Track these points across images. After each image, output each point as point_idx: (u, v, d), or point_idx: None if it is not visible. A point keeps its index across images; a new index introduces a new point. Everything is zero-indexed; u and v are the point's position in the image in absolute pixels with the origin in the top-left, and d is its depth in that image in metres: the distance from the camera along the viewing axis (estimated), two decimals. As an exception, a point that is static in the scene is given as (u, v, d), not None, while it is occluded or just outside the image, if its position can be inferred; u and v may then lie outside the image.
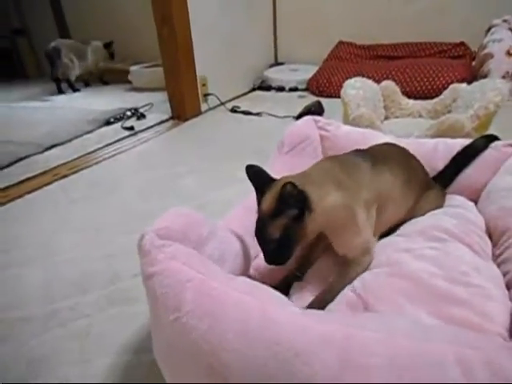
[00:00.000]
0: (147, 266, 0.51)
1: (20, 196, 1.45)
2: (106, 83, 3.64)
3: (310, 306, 0.63)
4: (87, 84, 3.57)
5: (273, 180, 0.70)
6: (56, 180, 1.59)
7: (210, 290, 0.46)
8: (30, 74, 4.32)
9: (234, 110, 2.45)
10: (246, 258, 0.73)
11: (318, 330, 0.42)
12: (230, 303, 0.45)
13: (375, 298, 0.59)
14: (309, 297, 0.66)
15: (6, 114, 2.71)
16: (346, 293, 0.63)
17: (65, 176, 1.63)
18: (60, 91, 3.29)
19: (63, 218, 1.29)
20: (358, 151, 0.84)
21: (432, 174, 0.99)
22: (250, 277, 0.73)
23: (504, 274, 0.68)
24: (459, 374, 0.37)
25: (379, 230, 0.76)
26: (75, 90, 3.35)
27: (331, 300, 0.63)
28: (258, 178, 0.71)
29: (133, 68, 3.30)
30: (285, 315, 0.44)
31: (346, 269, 0.68)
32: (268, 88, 2.99)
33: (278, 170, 1.01)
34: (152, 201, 1.37)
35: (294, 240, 0.64)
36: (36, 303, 0.89)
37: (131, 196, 1.42)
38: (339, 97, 1.67)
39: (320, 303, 0.63)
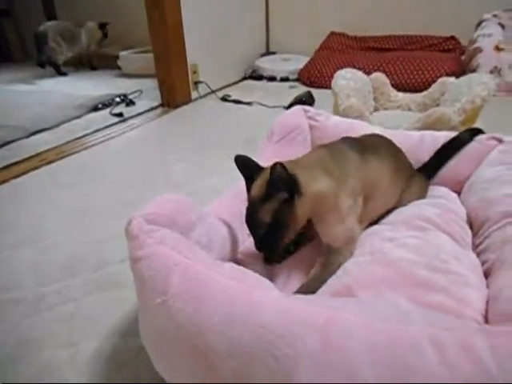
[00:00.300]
0: (135, 250, 0.51)
1: (6, 180, 1.43)
2: (94, 68, 3.56)
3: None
4: (77, 68, 3.50)
5: (261, 168, 0.71)
6: (43, 165, 1.57)
7: (196, 274, 0.47)
8: (15, 57, 4.20)
9: (224, 99, 2.44)
10: (234, 243, 0.74)
11: (300, 313, 0.43)
12: (216, 287, 0.46)
13: (357, 285, 0.61)
14: (294, 284, 0.68)
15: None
16: (330, 283, 0.64)
17: (52, 161, 1.61)
18: (60, 73, 3.24)
19: (51, 203, 1.28)
20: (347, 139, 0.85)
21: (417, 165, 1.01)
22: (237, 262, 0.74)
23: (483, 263, 0.70)
24: (433, 354, 0.39)
25: (368, 218, 0.78)
26: (62, 73, 3.28)
27: (316, 289, 0.64)
28: (246, 167, 0.72)
29: (122, 53, 3.24)
30: (269, 299, 0.45)
31: (329, 258, 0.69)
32: (259, 77, 2.98)
33: (267, 158, 1.02)
34: (140, 187, 1.37)
35: (284, 225, 0.65)
36: (26, 286, 0.89)
37: (120, 182, 1.42)
38: (330, 88, 1.68)
39: (305, 292, 0.65)
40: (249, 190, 0.70)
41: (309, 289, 0.64)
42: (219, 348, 0.42)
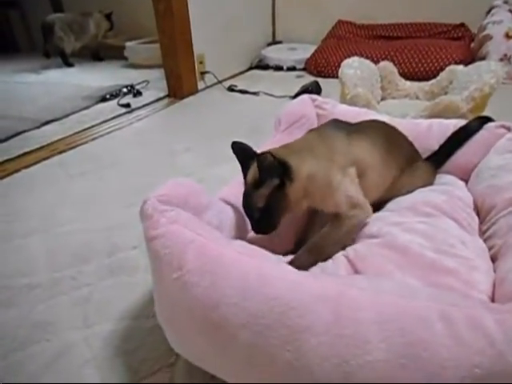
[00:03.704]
0: (150, 229, 0.53)
1: (18, 170, 1.45)
2: (100, 59, 3.57)
3: (299, 256, 0.67)
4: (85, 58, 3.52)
5: (257, 155, 0.72)
6: (54, 155, 1.59)
7: (210, 250, 0.49)
8: (21, 48, 4.23)
9: (231, 89, 2.44)
10: (243, 226, 0.76)
11: (312, 286, 0.45)
12: (229, 262, 0.48)
13: (366, 266, 0.62)
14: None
15: (1, 89, 2.67)
16: (339, 258, 0.66)
17: (62, 151, 1.63)
18: (67, 64, 3.26)
19: (62, 192, 1.30)
20: (335, 121, 0.87)
21: (426, 153, 1.01)
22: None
23: (489, 249, 0.71)
24: (442, 327, 0.40)
25: (367, 196, 0.78)
26: (69, 64, 3.29)
27: (322, 256, 0.66)
28: (242, 153, 0.74)
29: (128, 44, 3.24)
30: (281, 273, 0.47)
31: (337, 223, 0.70)
32: (266, 67, 2.97)
33: (273, 146, 1.04)
34: (149, 176, 1.38)
35: (278, 209, 0.68)
36: (40, 271, 0.91)
37: (128, 171, 1.44)
38: (337, 77, 1.67)
39: (307, 255, 0.67)
40: (245, 175, 0.72)
41: (317, 249, 0.67)
42: (234, 319, 0.44)
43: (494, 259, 0.68)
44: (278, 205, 0.67)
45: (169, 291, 0.50)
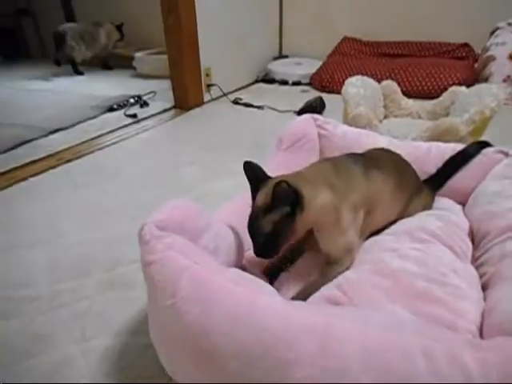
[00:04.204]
0: (146, 254, 0.55)
1: (25, 178, 1.48)
2: (109, 68, 3.64)
3: (294, 299, 0.68)
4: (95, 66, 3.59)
5: (268, 177, 0.74)
6: (60, 164, 1.62)
7: (204, 278, 0.51)
8: (33, 55, 4.32)
9: (236, 102, 2.47)
10: (240, 250, 0.77)
11: (301, 318, 0.46)
12: (222, 292, 0.50)
13: (356, 294, 0.64)
14: (294, 288, 0.71)
15: (11, 97, 2.72)
16: (330, 287, 0.67)
17: (69, 160, 1.66)
18: (77, 72, 3.34)
19: (67, 202, 1.33)
20: (352, 155, 0.86)
21: (424, 176, 1.02)
22: (242, 267, 0.78)
23: (481, 276, 0.72)
24: (424, 363, 0.41)
25: (368, 230, 0.81)
26: (79, 73, 3.36)
27: (312, 293, 0.67)
28: (254, 174, 0.74)
29: (137, 54, 3.30)
30: (272, 305, 0.48)
31: (328, 268, 0.72)
32: (271, 81, 3.01)
33: (275, 166, 1.06)
34: (153, 189, 1.41)
35: (283, 235, 0.68)
36: (41, 283, 0.94)
37: (133, 183, 1.46)
38: (341, 93, 1.69)
39: (303, 297, 0.68)
40: (254, 197, 0.73)
41: (305, 295, 0.68)
42: (223, 348, 0.45)
43: (485, 287, 0.69)
44: (284, 232, 0.68)
45: (162, 317, 0.52)
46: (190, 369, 0.51)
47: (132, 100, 2.43)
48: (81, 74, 3.37)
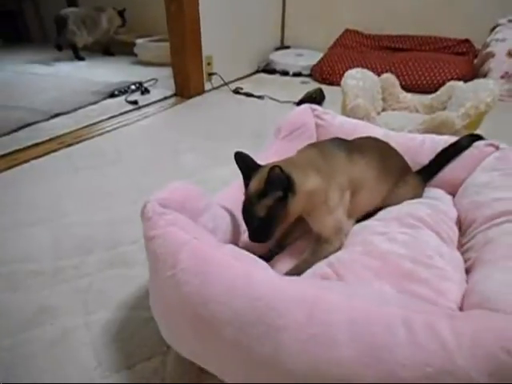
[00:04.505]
0: (149, 230, 0.58)
1: (27, 161, 1.51)
2: (111, 54, 3.64)
3: (287, 275, 0.71)
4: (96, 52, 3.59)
5: (259, 166, 0.77)
6: (61, 148, 1.65)
7: (203, 252, 0.54)
8: (33, 39, 4.30)
9: (236, 91, 2.49)
10: (236, 232, 0.81)
11: (292, 290, 0.50)
12: (220, 265, 0.53)
13: (347, 272, 0.67)
14: (288, 266, 0.75)
15: (13, 80, 2.74)
16: (322, 266, 0.71)
17: (70, 145, 1.69)
18: (78, 57, 3.34)
19: (68, 184, 1.36)
20: (336, 139, 0.91)
21: (417, 167, 1.06)
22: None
23: (466, 261, 0.76)
24: (404, 332, 0.45)
25: (355, 213, 0.84)
26: (80, 58, 3.36)
27: (304, 271, 0.71)
28: (245, 163, 0.78)
29: (139, 41, 3.30)
30: (265, 277, 0.52)
31: (319, 247, 0.76)
32: (272, 71, 3.02)
33: (273, 153, 1.08)
34: (152, 174, 1.44)
35: (277, 219, 0.72)
36: (45, 260, 0.97)
37: (133, 168, 1.49)
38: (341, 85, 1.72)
39: (295, 273, 0.71)
40: (246, 184, 0.77)
41: (298, 271, 0.72)
42: (220, 316, 0.49)
43: (468, 271, 0.73)
44: (278, 216, 0.72)
45: (163, 288, 0.55)
46: (187, 336, 0.55)
47: (133, 86, 2.44)
48: (82, 59, 3.36)
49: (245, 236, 0.87)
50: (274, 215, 0.71)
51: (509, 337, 0.42)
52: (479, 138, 1.10)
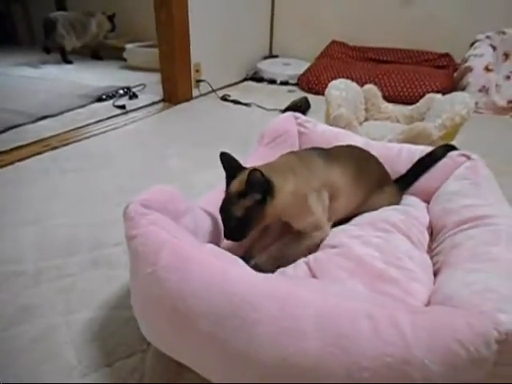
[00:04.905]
0: (131, 229, 0.61)
1: (12, 163, 1.51)
2: (100, 58, 3.65)
3: (262, 260, 0.76)
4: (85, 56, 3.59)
5: (243, 168, 0.81)
6: (47, 150, 1.65)
7: (182, 250, 0.57)
8: (21, 41, 4.28)
9: (224, 98, 2.53)
10: (217, 234, 0.83)
11: (266, 286, 0.53)
12: (199, 263, 0.56)
13: (322, 272, 0.71)
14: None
15: (1, 82, 2.73)
16: (300, 264, 0.74)
17: (55, 147, 1.69)
18: (66, 61, 3.34)
19: (53, 187, 1.37)
20: (316, 148, 0.96)
21: (395, 175, 1.11)
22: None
23: (434, 264, 0.80)
24: (367, 324, 0.48)
25: (331, 218, 0.88)
26: (68, 61, 3.36)
27: (281, 263, 0.75)
28: (229, 164, 0.81)
29: (128, 46, 3.33)
30: (241, 273, 0.55)
31: (300, 239, 0.81)
32: (260, 79, 3.07)
33: (256, 159, 1.11)
34: (138, 178, 1.46)
35: (252, 221, 0.75)
36: (28, 260, 0.98)
37: (119, 172, 1.51)
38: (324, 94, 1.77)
39: (269, 259, 0.76)
40: (228, 183, 0.80)
41: (275, 258, 0.77)
42: (197, 310, 0.52)
43: (436, 274, 0.77)
44: (254, 217, 0.75)
45: (143, 284, 0.58)
46: (166, 332, 0.58)
47: (121, 91, 2.46)
48: (70, 62, 3.37)
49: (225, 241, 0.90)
50: (250, 216, 0.74)
51: (462, 330, 0.46)
52: (453, 148, 1.15)
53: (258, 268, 0.62)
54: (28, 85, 2.64)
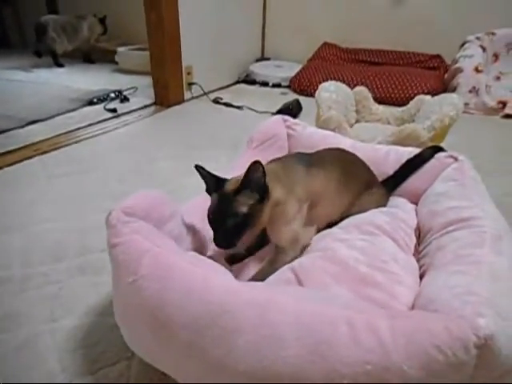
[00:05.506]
0: (113, 237, 0.60)
1: (0, 168, 1.50)
2: (92, 61, 3.63)
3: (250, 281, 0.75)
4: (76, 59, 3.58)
5: (220, 179, 0.79)
6: (36, 155, 1.64)
7: (164, 259, 0.56)
8: (12, 45, 4.26)
9: (216, 101, 2.52)
10: (202, 239, 0.83)
11: (246, 294, 0.53)
12: (179, 271, 0.56)
13: (307, 277, 0.71)
14: (249, 272, 0.78)
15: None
16: (285, 271, 0.74)
17: (45, 152, 1.68)
18: (58, 64, 3.33)
19: (41, 192, 1.36)
20: (298, 154, 0.95)
21: (382, 177, 1.11)
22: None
23: (421, 267, 0.80)
24: (346, 330, 0.48)
25: (316, 223, 0.88)
26: (59, 65, 3.35)
27: (264, 279, 0.74)
28: (207, 175, 0.81)
29: (120, 49, 3.32)
30: (222, 282, 0.54)
31: (276, 257, 0.80)
32: (252, 82, 3.08)
33: (245, 162, 1.10)
34: (128, 182, 1.45)
35: (253, 222, 0.74)
36: (14, 266, 0.97)
37: (109, 176, 1.50)
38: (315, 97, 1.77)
39: (258, 279, 0.74)
40: (209, 193, 0.80)
41: (259, 279, 0.75)
42: (177, 319, 0.51)
43: (422, 276, 0.77)
44: (255, 218, 0.74)
45: (124, 293, 0.57)
46: (147, 341, 0.57)
47: (113, 94, 2.45)
48: (61, 66, 3.35)
49: (212, 244, 0.89)
50: (253, 215, 0.73)
51: (440, 335, 0.46)
52: (440, 149, 1.15)
53: None
54: (19, 89, 2.62)
